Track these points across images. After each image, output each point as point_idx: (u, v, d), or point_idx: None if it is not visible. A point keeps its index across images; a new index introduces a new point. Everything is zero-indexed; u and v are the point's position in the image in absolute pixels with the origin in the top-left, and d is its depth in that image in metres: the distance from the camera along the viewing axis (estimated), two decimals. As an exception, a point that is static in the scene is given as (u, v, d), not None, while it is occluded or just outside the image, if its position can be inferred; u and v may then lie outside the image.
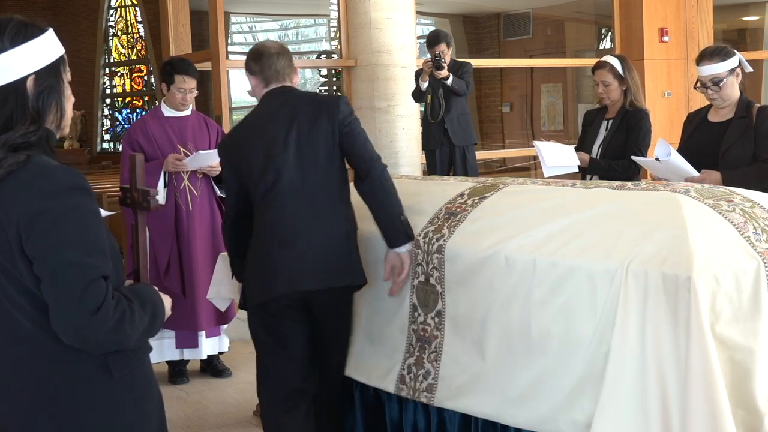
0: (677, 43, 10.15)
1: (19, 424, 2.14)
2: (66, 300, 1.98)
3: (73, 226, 2.01)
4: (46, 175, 2.04)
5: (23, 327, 2.08)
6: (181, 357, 5.87)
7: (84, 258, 2.00)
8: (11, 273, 2.04)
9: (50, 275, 1.99)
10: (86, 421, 2.11)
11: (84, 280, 1.98)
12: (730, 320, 2.80)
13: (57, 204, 2.01)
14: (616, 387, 2.85)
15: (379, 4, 8.32)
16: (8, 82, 2.08)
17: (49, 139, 2.13)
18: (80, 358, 2.07)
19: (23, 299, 2.06)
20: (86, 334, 2.00)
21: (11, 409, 2.16)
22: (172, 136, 5.67)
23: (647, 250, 2.90)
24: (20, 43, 2.08)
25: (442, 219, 3.58)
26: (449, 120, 7.47)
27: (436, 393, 3.48)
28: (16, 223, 2.01)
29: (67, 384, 2.10)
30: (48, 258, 1.99)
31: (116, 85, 15.55)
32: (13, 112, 2.08)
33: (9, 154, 2.04)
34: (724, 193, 3.23)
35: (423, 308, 3.55)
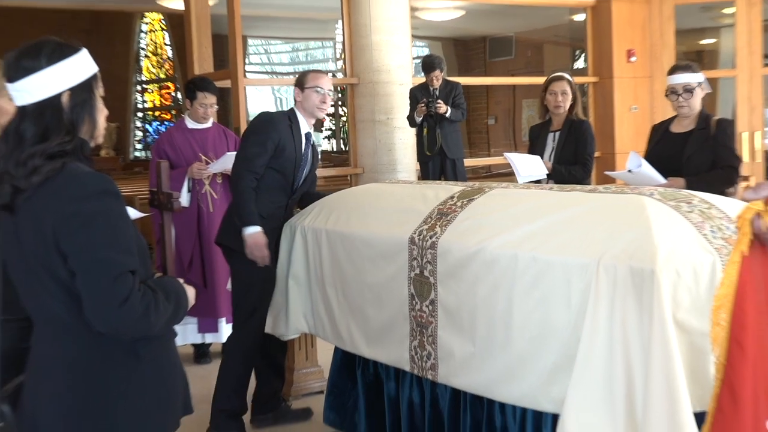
0: (643, 63, 10.16)
1: (55, 403, 2.14)
2: (97, 293, 1.98)
3: (102, 227, 2.01)
4: (79, 180, 2.04)
5: (60, 315, 2.08)
6: (203, 340, 5.89)
7: (113, 255, 1.99)
8: (49, 267, 2.04)
9: (83, 270, 1.99)
10: (116, 398, 2.10)
11: (113, 275, 1.98)
12: (688, 308, 2.80)
13: (88, 206, 2.01)
14: (587, 367, 2.85)
15: (379, 29, 8.33)
16: (45, 97, 2.07)
17: (83, 148, 2.13)
18: (111, 343, 2.07)
19: (60, 291, 2.05)
20: (115, 323, 2.00)
21: (48, 389, 2.15)
22: (194, 145, 5.68)
23: (616, 246, 2.90)
24: (56, 62, 2.07)
25: (435, 219, 3.58)
26: (443, 136, 7.46)
27: (438, 371, 3.49)
28: (52, 224, 2.01)
29: (99, 366, 2.10)
30: (81, 255, 1.99)
31: (147, 100, 15.56)
32: (50, 124, 2.08)
33: (46, 161, 2.03)
34: (684, 195, 3.24)
35: (419, 297, 3.55)
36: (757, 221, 1.51)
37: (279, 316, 4.28)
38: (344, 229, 3.97)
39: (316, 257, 4.09)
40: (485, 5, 10.35)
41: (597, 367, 2.84)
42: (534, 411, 3.23)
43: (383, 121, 8.39)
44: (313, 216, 4.19)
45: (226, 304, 5.67)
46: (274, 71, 14.89)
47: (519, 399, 3.19)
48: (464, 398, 3.56)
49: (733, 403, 1.56)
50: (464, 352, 3.37)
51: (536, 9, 10.45)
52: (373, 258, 3.77)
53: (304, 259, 4.17)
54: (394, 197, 4.00)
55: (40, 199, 2.03)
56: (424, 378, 3.65)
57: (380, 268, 3.73)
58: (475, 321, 3.32)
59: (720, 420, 1.58)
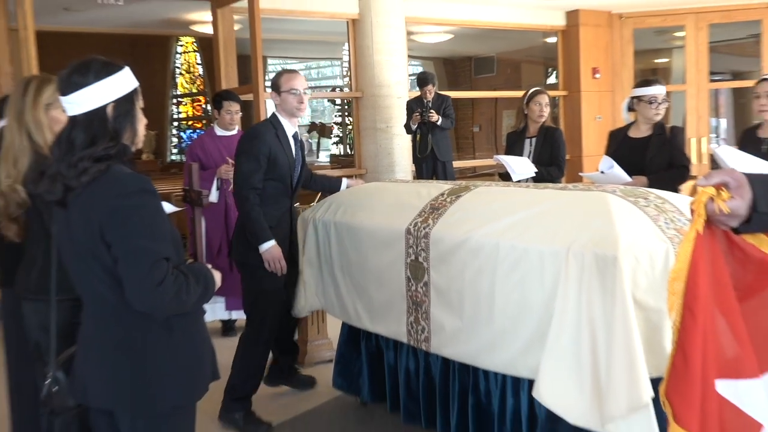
0: (606, 80, 10.16)
1: (100, 373, 2.13)
2: (136, 276, 1.99)
3: (141, 220, 2.01)
4: (121, 180, 2.04)
5: (105, 296, 2.08)
6: (230, 317, 5.88)
7: (149, 244, 2.00)
8: (96, 255, 2.04)
9: (124, 257, 2.00)
10: (152, 367, 2.11)
11: (149, 261, 1.98)
12: (646, 289, 2.80)
13: (128, 202, 2.02)
14: (558, 340, 2.85)
15: (379, 50, 8.33)
16: (93, 108, 2.07)
17: (126, 152, 2.13)
18: (148, 319, 2.07)
19: (105, 275, 2.05)
20: (151, 303, 2.01)
21: (94, 358, 2.15)
22: (222, 150, 5.68)
23: (583, 236, 2.90)
24: (102, 78, 2.07)
25: (428, 212, 3.57)
26: (435, 141, 7.46)
27: (431, 343, 3.48)
28: (98, 217, 2.02)
29: (138, 339, 2.10)
30: (122, 244, 2.00)
31: (181, 111, 15.52)
32: (97, 131, 2.08)
33: (93, 164, 2.04)
34: (642, 192, 3.24)
35: (414, 280, 3.54)
36: (710, 204, 1.51)
37: (296, 296, 4.28)
38: (350, 221, 3.96)
39: (326, 245, 4.09)
40: (471, 29, 10.33)
41: (567, 339, 2.84)
42: (513, 377, 3.23)
43: (383, 129, 8.40)
44: (323, 210, 4.18)
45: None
46: (290, 86, 14.89)
47: (500, 367, 3.19)
48: (453, 366, 3.55)
49: (684, 363, 1.55)
50: (453, 327, 3.37)
51: (514, 32, 10.44)
52: (374, 246, 3.77)
53: (315, 246, 4.17)
54: (392, 194, 4.00)
55: (88, 196, 2.04)
56: (419, 348, 3.65)
57: (381, 254, 3.72)
58: (462, 300, 3.31)
59: (674, 378, 1.57)
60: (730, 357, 1.60)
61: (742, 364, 1.62)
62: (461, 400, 3.55)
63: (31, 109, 2.86)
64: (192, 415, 2.22)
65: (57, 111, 2.79)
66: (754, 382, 1.63)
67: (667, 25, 10.21)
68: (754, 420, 1.64)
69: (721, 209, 1.48)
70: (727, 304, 1.58)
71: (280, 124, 3.99)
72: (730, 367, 1.60)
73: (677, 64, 11.71)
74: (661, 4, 9.64)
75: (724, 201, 1.48)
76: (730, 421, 1.61)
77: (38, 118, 2.86)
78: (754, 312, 1.65)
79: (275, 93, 4.00)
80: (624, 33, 10.12)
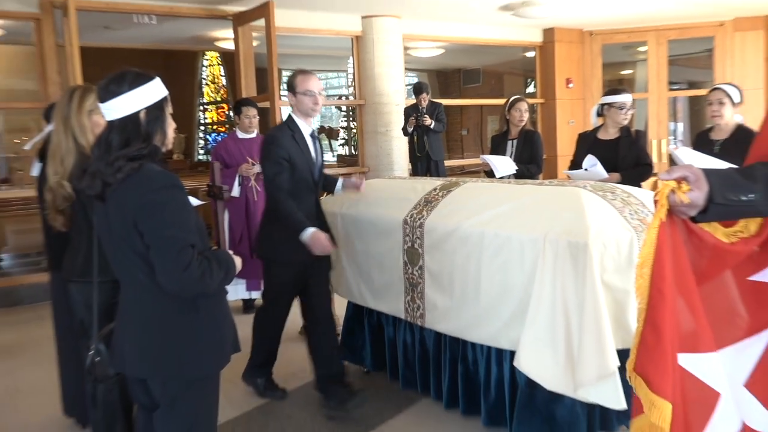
0: (578, 89, 10.13)
1: (136, 346, 2.13)
2: (165, 262, 1.98)
3: (169, 211, 2.01)
4: (151, 177, 2.03)
5: (140, 279, 2.07)
6: (250, 296, 5.86)
7: (177, 233, 1.99)
8: (130, 242, 2.04)
9: (154, 245, 1.99)
10: (180, 340, 2.10)
11: (177, 248, 1.98)
12: (612, 272, 2.79)
13: (158, 196, 2.01)
14: (536, 316, 2.85)
15: (380, 64, 8.31)
16: (127, 114, 2.06)
17: (157, 152, 2.12)
18: (176, 299, 2.06)
19: (138, 260, 2.05)
20: (179, 285, 2.00)
21: (131, 333, 2.14)
22: (243, 151, 5.65)
23: (558, 225, 2.89)
24: (135, 87, 2.06)
25: (422, 205, 3.56)
26: (428, 142, 7.44)
27: (425, 319, 3.48)
28: (132, 209, 2.01)
29: (168, 316, 2.09)
30: (153, 233, 1.99)
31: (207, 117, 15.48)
32: (131, 134, 2.07)
33: (128, 162, 2.04)
34: (609, 187, 3.24)
35: (411, 264, 3.53)
36: (672, 196, 1.50)
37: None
38: (354, 213, 3.95)
39: (334, 234, 4.08)
40: (460, 45, 10.30)
41: (543, 316, 2.84)
42: (496, 349, 3.23)
43: (383, 132, 8.39)
44: (330, 203, 4.17)
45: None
46: (302, 95, 14.89)
47: (485, 340, 3.19)
48: (444, 339, 3.55)
49: (656, 338, 1.54)
50: (445, 305, 3.36)
51: (498, 48, 10.39)
52: (376, 234, 3.76)
53: (324, 235, 4.16)
54: (391, 189, 3.98)
55: (123, 191, 2.03)
56: (415, 324, 3.65)
57: (381, 242, 3.72)
58: (452, 282, 3.31)
59: (644, 351, 1.56)
60: (689, 333, 1.59)
61: (701, 340, 1.61)
62: (452, 368, 3.55)
63: (76, 114, 2.85)
64: (216, 383, 2.22)
65: (98, 116, 2.78)
66: (712, 355, 1.63)
67: (632, 41, 10.18)
68: (713, 389, 1.63)
69: (681, 200, 1.47)
70: (686, 286, 1.57)
71: (296, 125, 3.67)
72: (690, 342, 1.59)
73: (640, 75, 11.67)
74: (626, 23, 9.61)
75: (684, 193, 1.47)
76: (691, 390, 1.60)
77: (82, 122, 2.85)
78: (710, 295, 1.65)
79: (291, 93, 3.67)
80: (594, 48, 10.09)
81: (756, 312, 1.67)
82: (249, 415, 3.72)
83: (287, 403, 3.87)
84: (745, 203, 1.47)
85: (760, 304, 1.66)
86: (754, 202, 1.47)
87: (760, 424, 1.68)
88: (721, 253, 1.61)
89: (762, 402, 1.67)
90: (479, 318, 3.17)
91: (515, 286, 2.99)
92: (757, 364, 1.67)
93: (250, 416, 3.71)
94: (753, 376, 1.67)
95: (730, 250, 1.62)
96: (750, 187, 1.47)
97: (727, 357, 1.67)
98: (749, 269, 1.67)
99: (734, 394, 1.67)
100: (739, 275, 1.67)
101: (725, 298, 1.68)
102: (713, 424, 1.64)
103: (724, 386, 1.65)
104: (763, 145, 1.65)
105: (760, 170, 1.51)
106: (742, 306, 1.68)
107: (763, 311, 1.66)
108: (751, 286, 1.67)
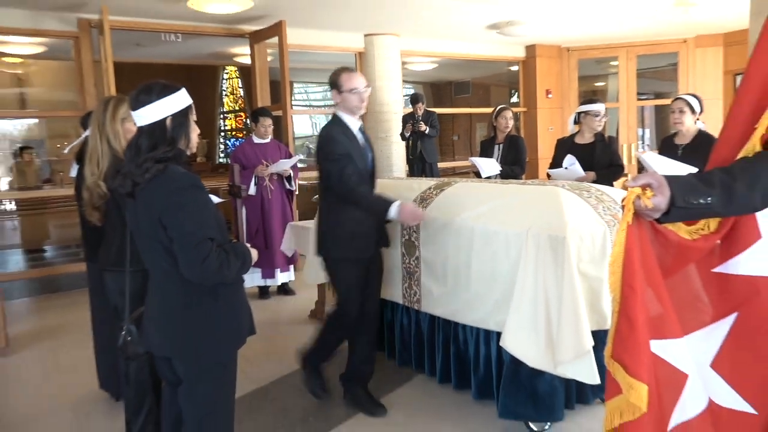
0: (556, 99, 10.11)
1: (161, 328, 2.12)
2: (186, 253, 1.97)
3: (190, 209, 1.99)
4: (175, 178, 2.02)
5: (165, 269, 2.06)
6: (265, 284, 5.85)
7: (197, 228, 1.98)
8: (156, 236, 2.03)
9: (177, 238, 1.98)
10: (201, 324, 2.08)
11: (196, 241, 1.97)
12: (588, 262, 2.79)
13: (181, 195, 2.00)
14: (520, 302, 2.85)
15: (380, 77, 8.30)
16: (155, 120, 2.05)
17: (181, 155, 2.10)
18: (197, 287, 2.05)
19: (163, 251, 2.03)
20: (199, 275, 1.99)
21: (157, 316, 2.13)
22: (259, 154, 5.64)
23: (540, 221, 2.88)
24: (162, 97, 2.05)
25: (419, 202, 3.55)
26: (423, 147, 7.43)
27: (421, 304, 3.47)
28: (157, 206, 2.00)
29: (190, 303, 2.07)
30: (175, 228, 1.98)
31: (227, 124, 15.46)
32: (158, 139, 2.06)
33: (155, 164, 2.03)
34: (585, 187, 3.23)
35: (408, 255, 3.52)
36: (638, 201, 1.50)
37: (311, 269, 4.23)
38: (358, 210, 3.94)
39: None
40: (452, 60, 10.27)
41: (526, 301, 2.83)
42: (485, 330, 3.22)
43: (383, 138, 8.38)
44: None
45: (280, 260, 5.71)
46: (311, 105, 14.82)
47: (475, 322, 3.18)
48: (438, 321, 3.54)
49: (629, 328, 1.54)
50: (438, 292, 3.35)
51: (486, 62, 10.38)
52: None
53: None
54: (390, 188, 3.97)
55: (150, 190, 2.02)
56: (411, 308, 3.64)
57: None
58: (446, 270, 3.30)
59: (619, 341, 1.56)
60: (659, 322, 1.59)
61: (668, 327, 1.61)
62: (444, 348, 3.54)
63: (110, 122, 2.84)
64: (234, 363, 2.20)
65: (130, 123, 2.77)
66: (678, 341, 1.63)
67: (604, 56, 10.16)
68: (681, 371, 1.64)
69: (646, 205, 1.48)
70: (654, 280, 1.57)
71: (344, 124, 3.26)
72: (659, 330, 1.60)
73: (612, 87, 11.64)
74: (599, 40, 9.59)
75: (649, 198, 1.47)
76: (662, 372, 1.61)
77: (116, 129, 2.84)
78: (677, 286, 1.65)
79: (336, 92, 3.28)
80: (570, 62, 10.07)
81: (719, 300, 1.67)
82: (265, 389, 3.72)
83: (298, 378, 3.86)
84: (704, 206, 1.48)
85: (723, 293, 1.66)
86: (711, 204, 1.48)
87: (725, 401, 1.67)
88: (685, 250, 1.61)
89: (726, 380, 1.67)
90: (469, 303, 3.16)
91: (501, 274, 2.98)
92: (721, 346, 1.67)
93: (266, 390, 3.71)
94: (718, 358, 1.67)
95: (693, 247, 1.62)
96: (708, 191, 1.47)
97: (694, 341, 1.66)
98: (713, 262, 1.67)
99: (701, 374, 1.67)
100: (703, 268, 1.68)
101: (690, 289, 1.68)
102: (683, 401, 1.64)
103: (691, 368, 1.65)
104: (721, 152, 1.65)
105: (717, 176, 1.51)
106: (705, 295, 1.68)
107: (725, 299, 1.66)
108: (715, 278, 1.67)
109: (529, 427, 3.03)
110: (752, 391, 1.65)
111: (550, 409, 2.96)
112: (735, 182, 1.48)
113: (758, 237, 1.63)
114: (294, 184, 5.79)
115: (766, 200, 1.52)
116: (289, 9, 6.76)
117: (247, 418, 3.33)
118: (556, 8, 7.38)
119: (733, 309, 1.66)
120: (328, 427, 3.21)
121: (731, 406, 1.66)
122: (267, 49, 7.67)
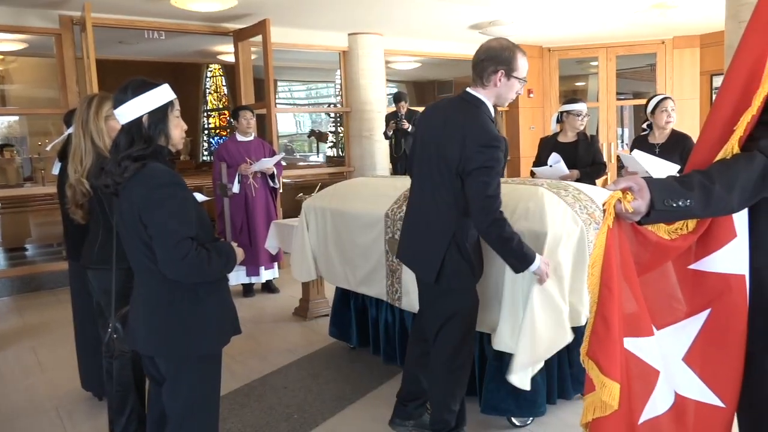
0: (538, 99, 10.17)
1: (145, 326, 2.11)
2: (165, 251, 1.96)
3: (169, 206, 1.98)
4: (154, 175, 2.00)
5: (147, 266, 2.05)
6: (249, 281, 5.83)
7: (176, 226, 1.97)
8: (138, 233, 2.01)
9: (157, 235, 1.97)
10: (184, 324, 2.07)
11: (175, 240, 1.95)
12: (565, 257, 2.81)
13: (159, 192, 1.98)
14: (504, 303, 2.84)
15: (364, 75, 8.30)
16: (132, 118, 2.04)
17: (161, 152, 2.08)
18: (180, 285, 2.04)
19: (146, 249, 2.02)
20: (178, 273, 1.99)
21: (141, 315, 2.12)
22: (242, 152, 5.62)
23: (522, 218, 2.90)
24: (138, 95, 2.03)
25: (402, 200, 3.55)
26: (406, 144, 7.43)
27: (402, 301, 3.48)
28: (138, 204, 1.99)
29: (173, 301, 2.06)
30: (155, 226, 1.97)
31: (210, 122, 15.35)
32: (134, 136, 2.05)
33: (132, 162, 2.01)
34: (563, 185, 3.26)
35: (391, 253, 3.52)
36: (618, 204, 1.52)
37: (301, 266, 4.23)
38: (341, 208, 3.94)
39: (322, 226, 4.06)
40: (434, 59, 10.29)
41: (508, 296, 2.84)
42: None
43: (367, 136, 8.38)
44: (320, 199, 4.15)
45: (264, 257, 5.68)
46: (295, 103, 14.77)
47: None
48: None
49: (605, 328, 1.56)
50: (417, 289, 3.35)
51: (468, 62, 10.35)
52: (360, 227, 3.75)
53: (315, 228, 4.14)
54: (374, 186, 3.98)
55: (131, 187, 2.01)
56: (394, 305, 3.64)
57: (365, 233, 3.71)
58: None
59: (595, 341, 1.59)
60: (632, 319, 1.62)
61: (641, 326, 1.65)
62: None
63: (94, 119, 2.81)
64: (218, 361, 2.19)
65: (113, 121, 2.75)
66: (650, 338, 1.66)
67: (585, 56, 10.24)
68: (653, 367, 1.67)
69: (626, 208, 1.50)
70: (630, 279, 1.61)
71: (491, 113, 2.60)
72: (632, 328, 1.63)
73: (592, 87, 11.73)
74: (579, 40, 9.66)
75: (629, 202, 1.50)
76: (634, 368, 1.64)
77: (99, 126, 2.81)
78: (653, 282, 1.69)
79: (502, 72, 2.50)
80: (551, 62, 10.13)
81: (694, 296, 1.70)
82: (249, 387, 3.71)
83: (282, 376, 3.86)
84: (683, 208, 1.51)
85: (698, 289, 1.70)
86: (690, 207, 1.51)
87: (695, 394, 1.71)
88: (663, 249, 1.64)
89: (697, 374, 1.70)
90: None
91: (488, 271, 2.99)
92: (694, 341, 1.70)
93: (251, 387, 3.70)
94: (690, 352, 1.70)
95: (671, 246, 1.65)
96: (687, 194, 1.50)
97: (667, 335, 1.70)
98: (689, 259, 1.70)
99: (671, 368, 1.70)
100: (679, 265, 1.71)
101: (666, 285, 1.71)
102: (654, 397, 1.67)
103: (661, 364, 1.68)
104: (699, 154, 1.67)
105: (696, 178, 1.53)
106: (680, 291, 1.71)
107: (700, 295, 1.69)
108: (691, 274, 1.70)
109: (512, 422, 3.06)
110: (722, 384, 1.69)
111: (532, 404, 2.98)
112: (713, 185, 1.51)
113: (734, 235, 1.67)
114: (278, 182, 5.77)
115: (743, 202, 1.55)
116: (273, 7, 6.74)
117: (232, 415, 3.32)
118: (538, 9, 7.43)
119: (706, 305, 1.69)
120: (312, 424, 3.21)
121: (700, 399, 1.70)
122: (251, 47, 7.63)
